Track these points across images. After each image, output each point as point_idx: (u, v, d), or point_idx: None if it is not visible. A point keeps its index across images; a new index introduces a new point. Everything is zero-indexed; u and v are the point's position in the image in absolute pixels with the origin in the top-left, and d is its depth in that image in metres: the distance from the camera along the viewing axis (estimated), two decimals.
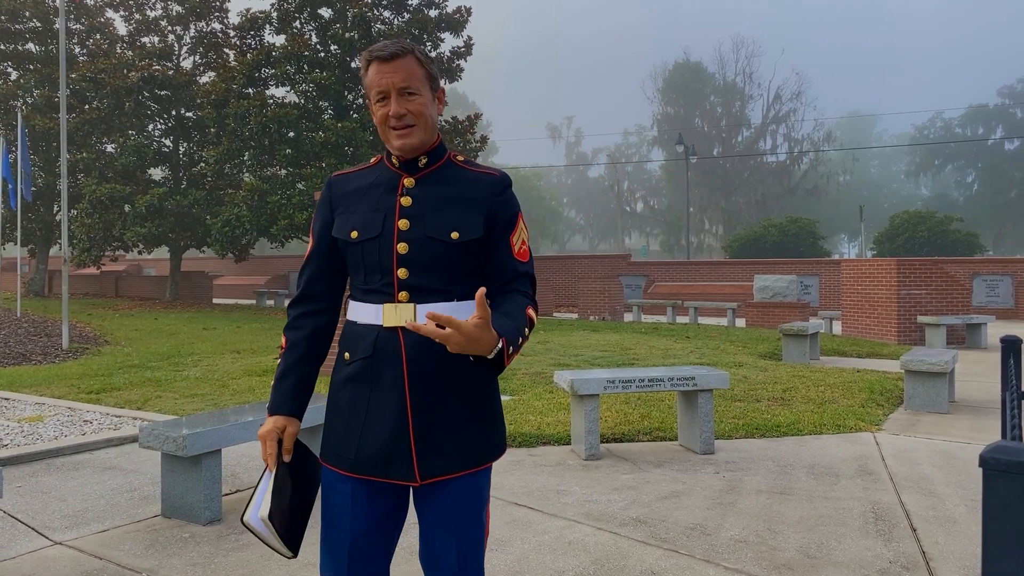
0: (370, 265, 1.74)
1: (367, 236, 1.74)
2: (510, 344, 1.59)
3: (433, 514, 1.73)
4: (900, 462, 5.04)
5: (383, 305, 1.72)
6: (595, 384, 5.14)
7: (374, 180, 1.81)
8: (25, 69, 24.86)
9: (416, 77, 1.72)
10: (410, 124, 1.72)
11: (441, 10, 22.43)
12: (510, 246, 1.80)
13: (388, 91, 1.71)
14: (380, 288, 1.73)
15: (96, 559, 3.35)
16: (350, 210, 1.79)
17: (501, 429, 1.82)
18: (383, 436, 1.69)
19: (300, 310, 1.85)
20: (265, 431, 1.74)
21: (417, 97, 1.72)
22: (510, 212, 1.80)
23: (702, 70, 68.24)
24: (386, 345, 1.71)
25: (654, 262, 27.27)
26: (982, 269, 21.64)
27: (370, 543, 1.73)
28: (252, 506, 1.70)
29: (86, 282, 28.93)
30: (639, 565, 3.26)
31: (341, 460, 1.73)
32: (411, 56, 1.73)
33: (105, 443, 5.43)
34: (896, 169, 77.25)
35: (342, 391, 1.77)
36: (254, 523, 1.69)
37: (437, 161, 1.80)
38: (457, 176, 1.80)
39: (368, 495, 1.72)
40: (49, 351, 11.07)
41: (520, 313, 1.71)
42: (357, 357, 1.74)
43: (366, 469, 1.70)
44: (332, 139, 19.21)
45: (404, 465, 1.69)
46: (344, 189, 1.83)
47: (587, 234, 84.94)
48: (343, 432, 1.74)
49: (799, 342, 10.44)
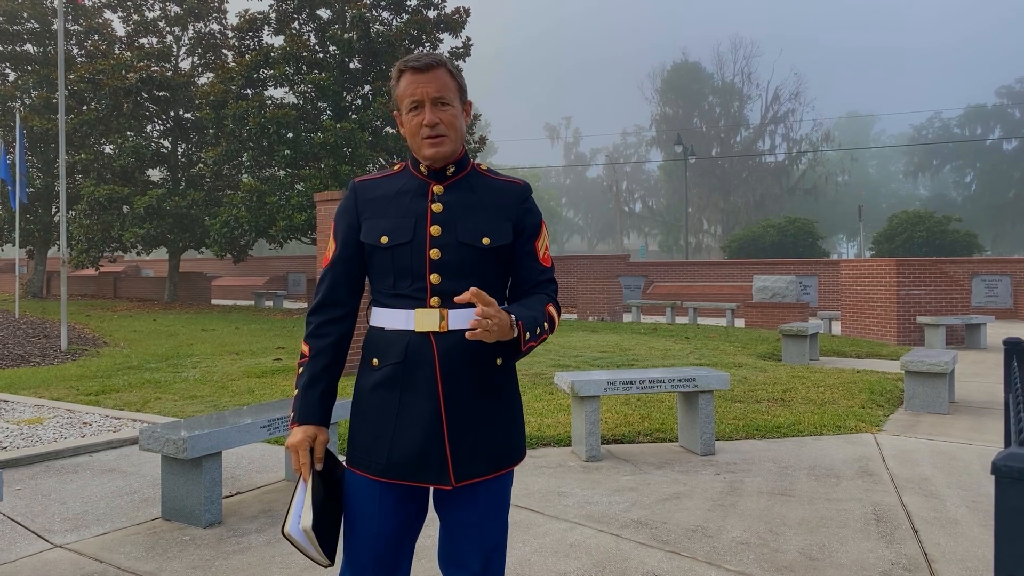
0: (400, 270, 1.75)
1: (398, 241, 1.76)
2: (527, 329, 1.66)
3: (459, 515, 1.75)
4: (901, 463, 5.04)
5: (415, 311, 1.74)
6: (596, 385, 5.13)
7: (402, 186, 1.83)
8: (23, 70, 24.83)
9: (449, 88, 1.76)
10: (442, 134, 1.75)
11: (440, 11, 22.43)
12: (535, 252, 1.85)
13: (422, 100, 1.74)
14: (411, 293, 1.75)
15: (96, 562, 3.34)
16: (378, 215, 1.80)
17: (523, 433, 1.87)
18: (416, 440, 1.71)
19: (323, 317, 1.84)
20: (296, 441, 1.74)
21: (449, 108, 1.76)
22: (536, 220, 1.87)
23: (700, 70, 68.27)
24: (419, 350, 1.72)
25: (653, 262, 27.27)
26: (981, 269, 21.66)
27: (394, 546, 1.76)
28: (292, 517, 1.70)
29: (84, 283, 28.89)
30: (641, 567, 3.26)
31: (371, 465, 1.74)
32: (444, 68, 1.76)
33: (105, 445, 5.42)
34: (894, 169, 77.33)
35: (371, 396, 1.77)
36: (296, 535, 1.69)
37: (463, 170, 1.84)
38: (482, 184, 1.84)
39: (396, 500, 1.74)
40: (48, 353, 11.05)
41: (539, 307, 1.76)
42: (387, 362, 1.75)
43: (396, 473, 1.72)
44: (331, 140, 19.19)
45: (437, 468, 1.70)
46: (371, 194, 1.84)
47: (585, 234, 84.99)
48: (372, 437, 1.75)
49: (799, 343, 10.44)
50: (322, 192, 9.67)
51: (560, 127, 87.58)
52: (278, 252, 47.30)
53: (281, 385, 8.10)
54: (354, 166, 19.80)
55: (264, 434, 4.15)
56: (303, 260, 32.57)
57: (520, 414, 1.85)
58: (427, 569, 3.23)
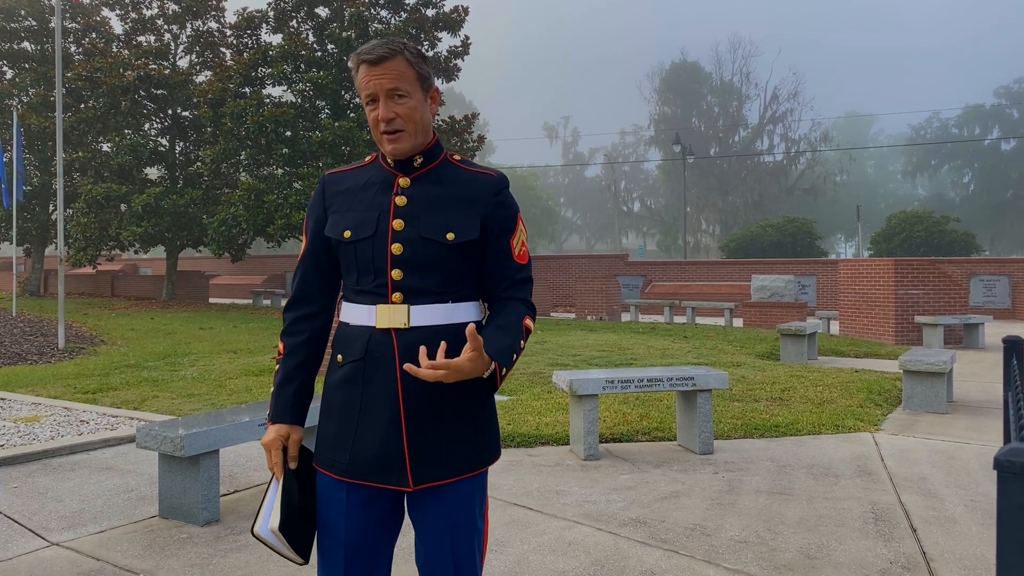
0: (363, 266, 1.71)
1: (360, 236, 1.71)
2: (503, 366, 1.60)
3: (427, 520, 1.70)
4: (899, 462, 5.04)
5: (376, 306, 1.69)
6: (594, 384, 5.13)
7: (369, 179, 1.78)
8: (21, 68, 24.77)
9: (405, 79, 1.67)
10: (399, 128, 1.68)
11: (438, 9, 22.40)
12: (510, 249, 1.77)
13: (376, 94, 1.67)
14: (373, 289, 1.70)
15: (94, 560, 3.33)
16: (343, 209, 1.76)
17: (495, 434, 1.79)
18: (376, 440, 1.66)
19: (296, 314, 1.81)
20: (269, 440, 1.72)
21: (407, 100, 1.68)
22: (509, 214, 1.77)
23: (699, 70, 68.30)
24: (379, 347, 1.68)
25: (651, 262, 27.27)
26: (979, 269, 21.69)
27: (366, 549, 1.70)
28: (262, 517, 1.69)
29: (82, 282, 28.84)
30: (639, 566, 3.25)
31: (335, 464, 1.69)
32: (400, 57, 1.67)
33: (102, 443, 5.41)
34: (893, 169, 77.41)
35: (335, 394, 1.73)
36: (265, 535, 1.68)
37: (433, 161, 1.76)
38: (453, 176, 1.76)
39: (362, 500, 1.69)
40: (45, 351, 11.02)
41: (517, 326, 1.69)
42: (349, 359, 1.71)
43: (359, 474, 1.67)
44: (329, 138, 19.17)
45: (397, 470, 1.65)
46: (338, 188, 1.79)
47: (584, 234, 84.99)
48: (336, 436, 1.71)
49: (797, 342, 10.44)
50: None
51: (558, 126, 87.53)
52: (276, 251, 47.21)
53: None
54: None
55: (262, 432, 4.15)
56: None
57: (492, 414, 1.77)
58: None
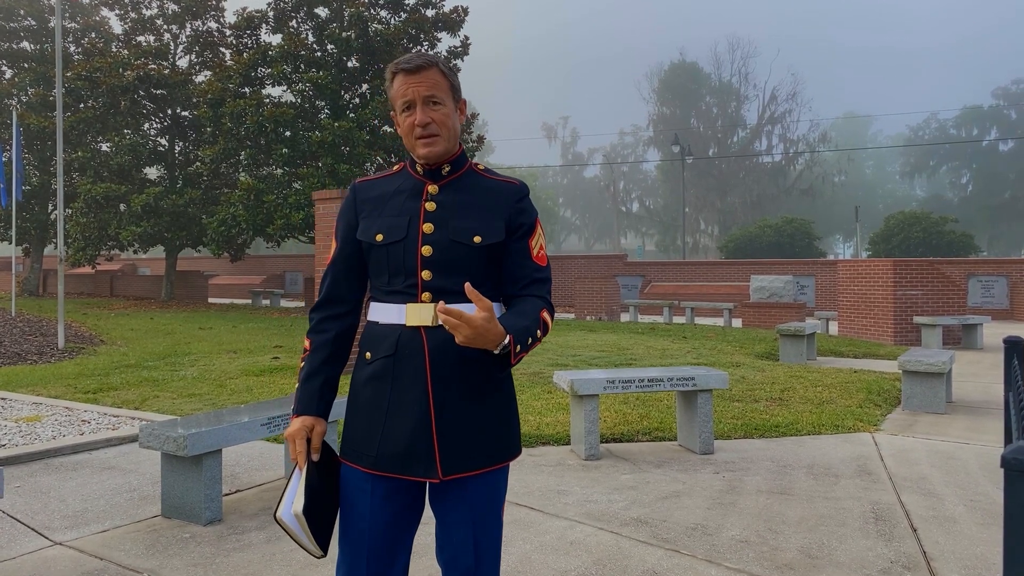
0: (394, 267, 1.79)
1: (392, 239, 1.80)
2: (517, 342, 1.63)
3: (452, 512, 1.77)
4: (899, 462, 5.05)
5: (407, 305, 1.77)
6: (595, 384, 5.14)
7: (398, 186, 1.87)
8: (20, 68, 24.77)
9: (441, 88, 1.78)
10: (435, 133, 1.78)
11: (438, 10, 22.41)
12: (529, 250, 1.86)
13: (414, 101, 1.77)
14: (403, 289, 1.78)
15: (97, 559, 3.34)
16: (375, 214, 1.85)
17: (518, 429, 1.87)
18: (405, 433, 1.73)
19: (324, 313, 1.90)
20: (293, 431, 1.77)
21: (441, 107, 1.79)
22: (529, 218, 1.87)
23: (698, 70, 68.28)
24: (409, 343, 1.75)
25: (650, 262, 27.28)
26: (977, 270, 21.72)
27: (388, 539, 1.76)
28: (284, 502, 1.72)
29: (81, 281, 28.82)
30: (641, 565, 3.26)
31: (361, 457, 1.76)
32: (435, 68, 1.79)
33: (104, 443, 5.42)
34: (891, 170, 77.46)
35: (363, 389, 1.80)
36: (287, 519, 1.71)
37: (459, 169, 1.87)
38: (478, 184, 1.86)
39: (387, 493, 1.75)
40: (45, 351, 11.02)
41: (534, 314, 1.75)
42: (379, 356, 1.78)
43: (386, 466, 1.73)
44: (329, 139, 19.17)
45: (425, 462, 1.72)
46: (369, 194, 1.89)
47: (583, 234, 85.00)
48: (364, 430, 1.78)
49: (796, 342, 10.46)
50: (320, 191, 9.67)
51: (557, 127, 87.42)
52: (275, 251, 47.23)
53: (279, 383, 8.09)
54: (352, 165, 19.78)
55: (264, 432, 4.15)
56: (300, 259, 32.53)
57: (514, 409, 1.86)
58: (428, 567, 3.23)
